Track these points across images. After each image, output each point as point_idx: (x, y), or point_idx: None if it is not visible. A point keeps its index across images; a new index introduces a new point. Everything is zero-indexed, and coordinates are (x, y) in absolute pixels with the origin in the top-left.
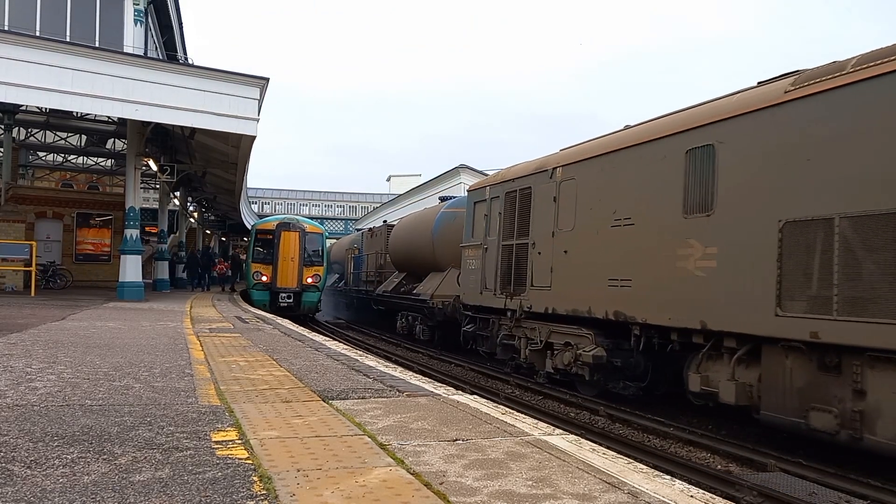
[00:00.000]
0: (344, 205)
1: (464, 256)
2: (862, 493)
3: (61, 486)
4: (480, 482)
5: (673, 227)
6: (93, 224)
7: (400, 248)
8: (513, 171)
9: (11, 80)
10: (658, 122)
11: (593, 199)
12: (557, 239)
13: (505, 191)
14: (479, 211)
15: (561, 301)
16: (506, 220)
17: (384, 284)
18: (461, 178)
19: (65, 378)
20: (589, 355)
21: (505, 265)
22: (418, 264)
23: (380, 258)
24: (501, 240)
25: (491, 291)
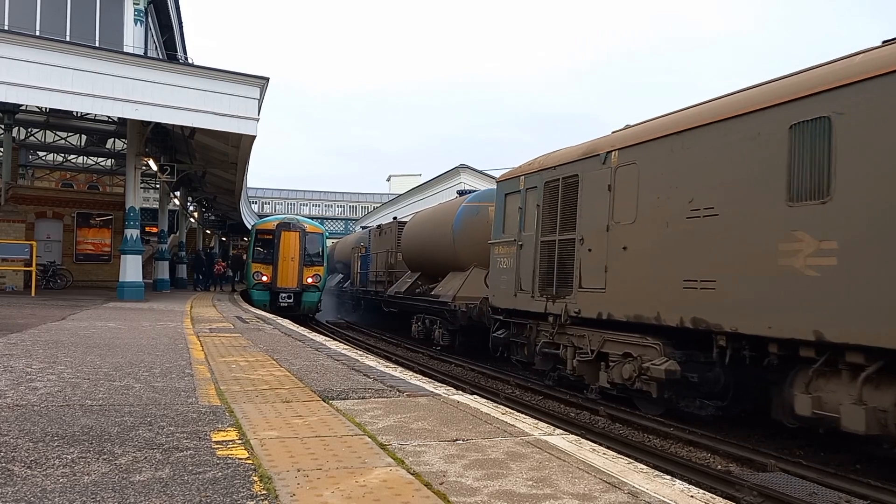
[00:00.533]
0: (344, 205)
1: (493, 255)
2: (862, 493)
3: (61, 486)
4: (480, 482)
5: (772, 217)
6: (93, 224)
7: (414, 246)
8: (553, 157)
9: (11, 80)
10: (748, 94)
11: (661, 186)
12: (613, 233)
13: (544, 180)
14: (511, 203)
15: (618, 305)
16: (545, 212)
17: (396, 285)
18: (461, 178)
19: (65, 378)
20: (660, 369)
21: (545, 264)
22: (436, 263)
23: (390, 257)
24: (540, 235)
25: (527, 293)
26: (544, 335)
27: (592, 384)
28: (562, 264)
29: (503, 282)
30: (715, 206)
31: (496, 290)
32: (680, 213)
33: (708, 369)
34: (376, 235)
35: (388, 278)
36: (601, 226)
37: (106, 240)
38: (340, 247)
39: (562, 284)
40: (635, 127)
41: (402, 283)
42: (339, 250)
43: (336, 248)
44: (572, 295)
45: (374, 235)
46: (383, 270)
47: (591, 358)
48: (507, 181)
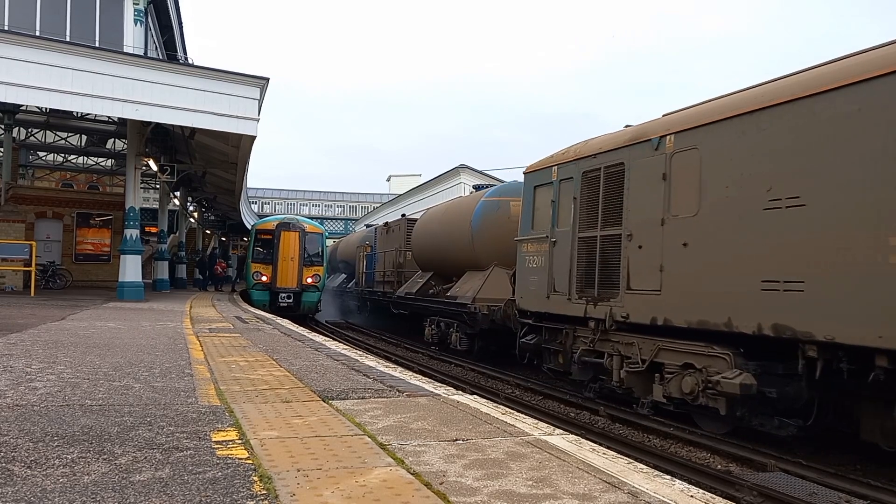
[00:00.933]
0: (344, 205)
1: (520, 253)
2: (862, 493)
3: (61, 486)
4: (480, 482)
5: (878, 207)
6: (93, 224)
7: (425, 245)
8: (593, 144)
9: (11, 80)
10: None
11: (731, 173)
12: (670, 228)
13: (582, 170)
14: (541, 197)
15: (678, 309)
16: (584, 205)
17: (406, 285)
18: (461, 178)
19: (65, 378)
20: (733, 384)
21: (584, 262)
22: (451, 262)
23: (398, 256)
24: (578, 231)
25: (562, 295)
26: (583, 342)
27: (643, 398)
28: (605, 263)
29: (533, 282)
30: (801, 195)
31: (524, 292)
32: (755, 203)
33: (787, 383)
34: (383, 234)
35: (397, 278)
36: (654, 219)
37: (106, 240)
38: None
39: (605, 285)
40: (695, 108)
41: (412, 283)
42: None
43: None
44: (618, 297)
45: (380, 234)
46: (391, 270)
47: (643, 369)
48: (537, 172)
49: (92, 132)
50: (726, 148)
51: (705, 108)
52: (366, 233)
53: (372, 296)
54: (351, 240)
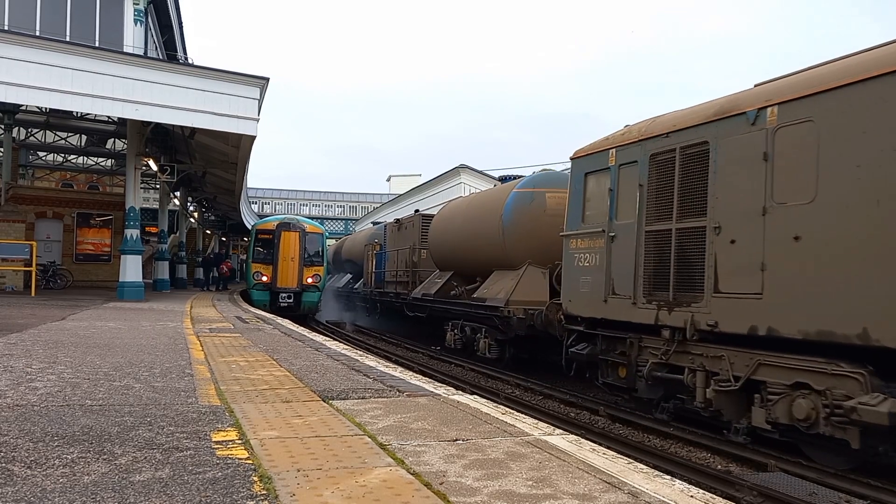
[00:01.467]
0: (344, 205)
1: (567, 250)
2: (862, 493)
3: (61, 486)
4: (480, 482)
5: None
6: (93, 224)
7: (445, 242)
8: (664, 121)
9: (11, 80)
10: None
11: (865, 149)
12: (775, 218)
13: (649, 152)
14: (594, 185)
15: (788, 317)
16: (653, 193)
17: (423, 286)
18: (461, 178)
19: (65, 378)
20: (879, 412)
21: (654, 260)
22: (475, 261)
23: (412, 254)
24: (645, 223)
25: (625, 299)
26: (652, 354)
27: (736, 422)
28: (683, 261)
29: (585, 284)
30: None
31: (574, 294)
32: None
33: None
34: (394, 231)
35: (411, 278)
36: (752, 208)
37: (106, 240)
38: (349, 245)
39: (684, 287)
40: (803, 73)
41: (430, 283)
42: (348, 248)
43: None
44: (702, 301)
45: (391, 231)
46: (404, 270)
47: (736, 388)
48: (588, 157)
49: (92, 132)
50: (854, 119)
51: (822, 73)
52: (374, 230)
53: (383, 297)
54: (357, 238)
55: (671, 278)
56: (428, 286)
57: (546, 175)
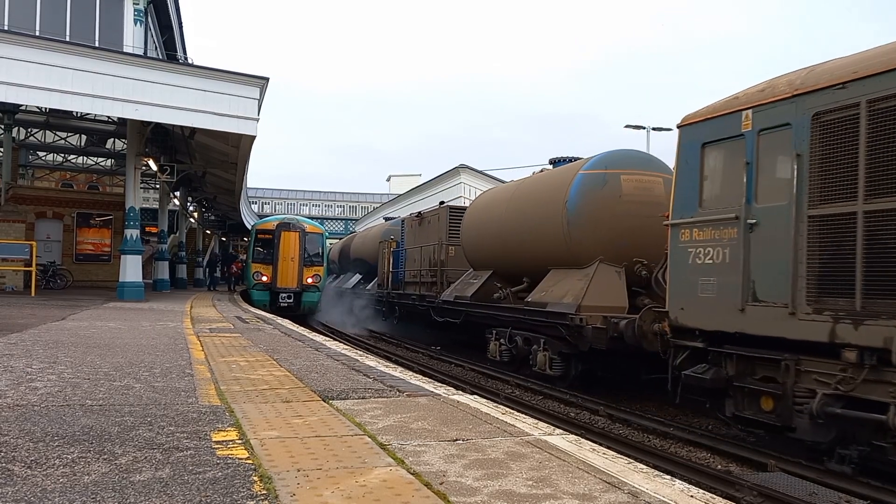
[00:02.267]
0: (344, 205)
1: (676, 244)
2: (862, 494)
3: (61, 486)
4: (480, 482)
5: None
6: (93, 224)
7: (483, 237)
8: (833, 69)
9: (11, 80)
10: None
11: None
12: None
13: (812, 110)
14: (717, 158)
15: None
16: (820, 165)
17: (455, 288)
18: (461, 178)
19: (65, 378)
20: None
21: (826, 254)
22: (525, 258)
23: (437, 252)
24: (808, 205)
25: (775, 307)
26: (822, 382)
27: None
28: (879, 255)
29: (707, 287)
30: None
31: (688, 301)
32: None
33: None
34: (413, 226)
35: (437, 279)
36: None
37: (106, 240)
38: (359, 242)
39: (881, 292)
40: None
41: (463, 285)
42: (357, 247)
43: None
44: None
45: (409, 226)
46: (428, 269)
47: None
48: (707, 123)
49: (92, 132)
50: None
51: None
52: (388, 226)
53: (402, 300)
54: (369, 235)
55: (858, 280)
56: (461, 288)
57: (620, 154)
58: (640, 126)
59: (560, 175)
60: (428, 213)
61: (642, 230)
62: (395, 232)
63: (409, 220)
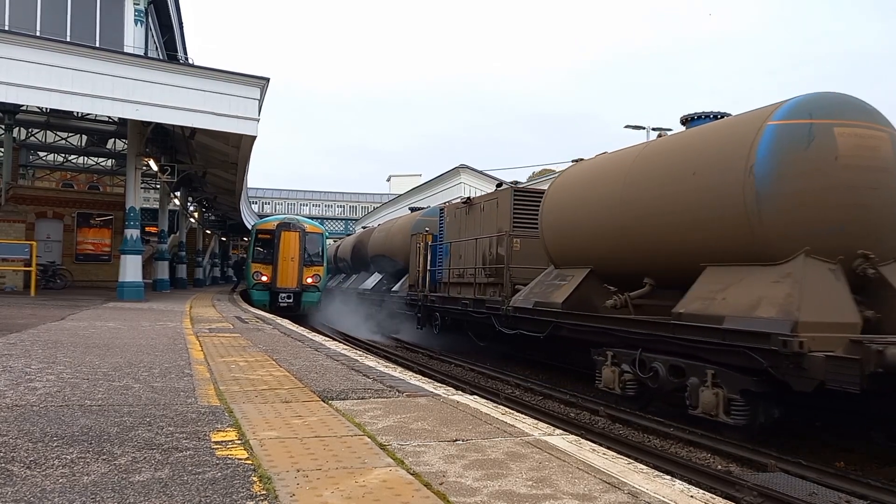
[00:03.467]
0: (344, 205)
1: None
2: (862, 494)
3: (61, 486)
4: (480, 482)
5: None
6: (93, 224)
7: (580, 222)
8: None
9: (11, 80)
10: None
11: None
12: None
13: None
14: None
15: None
16: None
17: (531, 291)
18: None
19: (64, 378)
20: None
21: None
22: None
23: (496, 246)
24: None
25: None
26: None
27: None
28: None
29: None
30: None
31: None
32: None
33: None
34: (459, 215)
35: (498, 279)
36: None
37: (106, 240)
38: (380, 238)
39: None
40: None
41: (545, 286)
42: (379, 241)
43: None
44: None
45: (452, 215)
46: (482, 268)
47: None
48: None
49: (92, 132)
50: None
51: None
52: (419, 217)
53: (446, 304)
54: (394, 227)
55: None
56: (543, 291)
57: (828, 98)
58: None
59: (732, 129)
60: (480, 199)
61: (865, 209)
62: (431, 223)
63: (452, 207)
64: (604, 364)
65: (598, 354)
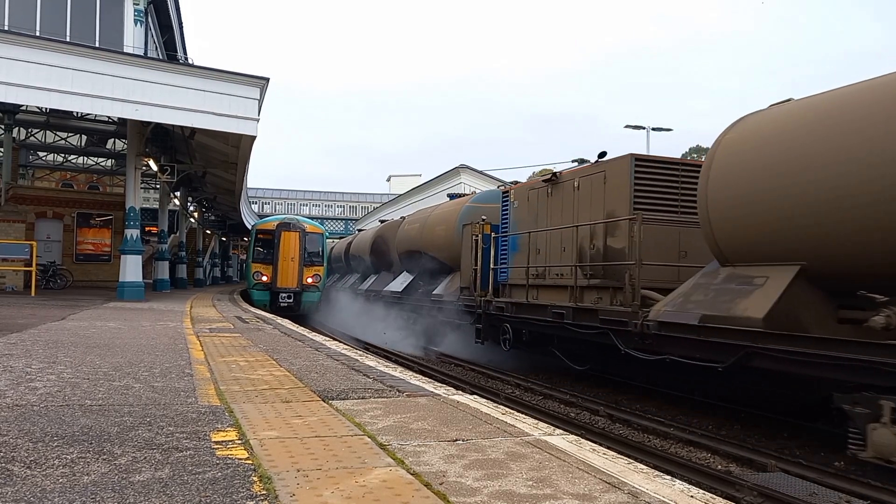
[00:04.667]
0: (344, 205)
1: None
2: (862, 494)
3: (61, 486)
4: (480, 482)
5: None
6: (93, 224)
7: (790, 196)
8: None
9: (11, 80)
10: None
11: None
12: None
13: None
14: None
15: None
16: None
17: (690, 299)
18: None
19: (65, 378)
20: None
21: None
22: None
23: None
24: None
25: None
26: None
27: None
28: None
29: None
30: None
31: None
32: None
33: None
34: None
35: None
36: None
37: (106, 240)
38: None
39: None
40: None
41: (720, 293)
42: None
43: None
44: None
45: (525, 199)
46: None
47: None
48: None
49: (92, 132)
50: None
51: None
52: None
53: (523, 313)
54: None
55: None
56: (714, 300)
57: None
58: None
59: None
60: (572, 174)
61: None
62: (487, 211)
63: (523, 189)
64: (869, 418)
65: (858, 403)
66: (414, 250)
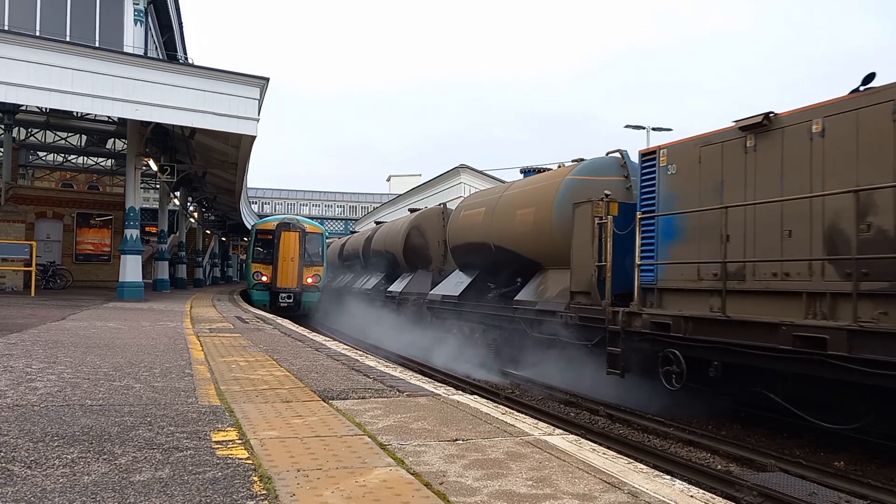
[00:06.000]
0: (344, 205)
1: None
2: (862, 493)
3: (61, 486)
4: (480, 482)
5: None
6: (93, 224)
7: None
8: None
9: (11, 80)
10: None
11: None
12: None
13: None
14: None
15: None
16: None
17: None
18: (461, 179)
19: (65, 378)
20: None
21: None
22: None
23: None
24: None
25: None
26: None
27: None
28: None
29: None
30: None
31: None
32: None
33: None
34: (719, 157)
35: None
36: None
37: (106, 240)
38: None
39: None
40: None
41: None
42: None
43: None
44: None
45: (696, 161)
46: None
47: None
48: None
49: (92, 132)
50: None
51: None
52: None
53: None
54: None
55: None
56: None
57: None
58: (640, 126)
59: None
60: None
61: None
62: (610, 185)
63: (689, 146)
64: None
65: None
66: (477, 242)
